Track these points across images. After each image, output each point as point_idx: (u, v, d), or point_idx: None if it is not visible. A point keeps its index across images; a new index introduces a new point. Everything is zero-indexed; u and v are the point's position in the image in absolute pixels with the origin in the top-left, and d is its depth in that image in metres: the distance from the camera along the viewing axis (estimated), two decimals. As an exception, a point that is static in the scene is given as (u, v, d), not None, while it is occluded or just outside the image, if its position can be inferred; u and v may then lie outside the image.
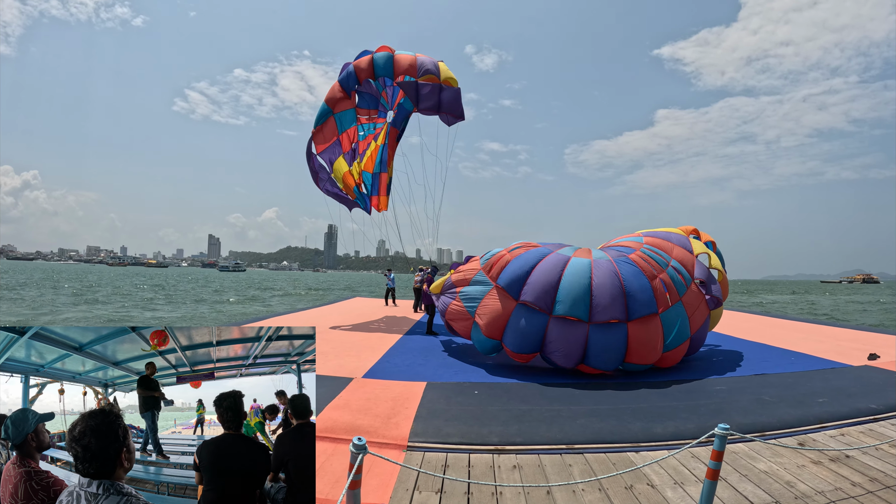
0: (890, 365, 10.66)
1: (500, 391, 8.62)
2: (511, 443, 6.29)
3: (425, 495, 5.01)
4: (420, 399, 7.90)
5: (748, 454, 6.15)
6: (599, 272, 9.95)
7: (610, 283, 9.76)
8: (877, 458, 6.05)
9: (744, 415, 7.34)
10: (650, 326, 9.78)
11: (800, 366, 11.02)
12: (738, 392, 8.60)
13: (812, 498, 5.05)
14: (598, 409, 7.60)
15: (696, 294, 10.59)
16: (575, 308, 9.67)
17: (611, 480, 5.37)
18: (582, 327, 9.68)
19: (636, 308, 9.70)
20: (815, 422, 7.23)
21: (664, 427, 6.81)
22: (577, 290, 9.73)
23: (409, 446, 6.20)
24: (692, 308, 10.41)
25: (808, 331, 17.26)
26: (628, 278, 9.91)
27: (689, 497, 5.03)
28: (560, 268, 10.16)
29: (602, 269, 10.01)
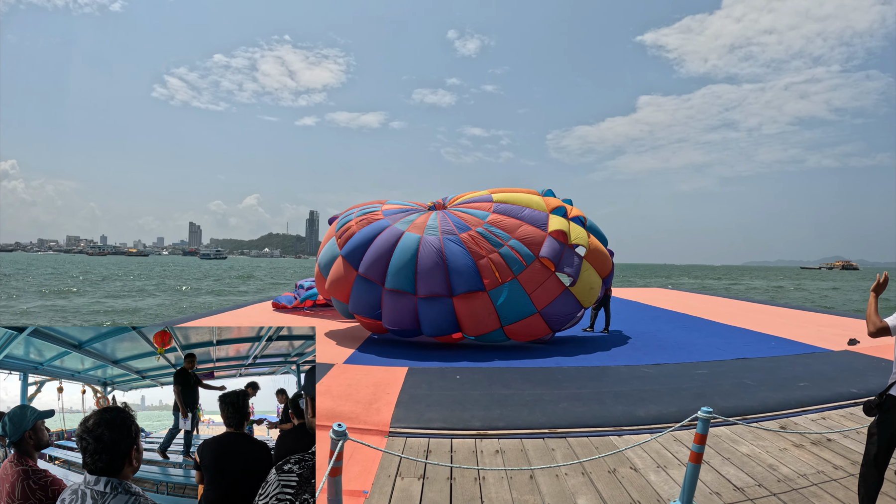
0: (870, 350, 10.75)
1: (482, 376, 8.57)
2: (493, 427, 6.25)
3: (407, 481, 4.95)
4: (402, 384, 7.83)
5: (731, 437, 6.16)
6: (425, 250, 10.75)
7: (432, 261, 10.61)
8: (858, 441, 6.07)
9: (726, 398, 7.35)
10: (476, 302, 10.59)
11: (781, 350, 11.12)
12: (720, 376, 8.63)
13: (794, 480, 5.05)
14: (581, 392, 7.57)
15: (538, 271, 10.90)
16: (402, 281, 10.64)
17: (594, 464, 5.35)
18: (410, 299, 10.67)
19: (459, 284, 10.53)
20: (796, 405, 7.27)
21: (647, 411, 6.80)
22: (403, 265, 10.66)
23: (390, 432, 6.14)
24: (533, 284, 10.80)
25: (788, 316, 17.44)
26: (452, 257, 10.67)
27: (672, 480, 5.01)
28: (392, 243, 11.01)
29: (428, 248, 10.80)
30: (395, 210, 12.62)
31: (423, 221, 11.71)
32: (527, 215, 11.75)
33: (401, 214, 12.27)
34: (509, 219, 11.59)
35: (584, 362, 9.87)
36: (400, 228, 11.41)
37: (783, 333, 13.39)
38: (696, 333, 13.61)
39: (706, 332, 13.93)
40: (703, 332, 13.76)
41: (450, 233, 11.21)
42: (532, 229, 11.34)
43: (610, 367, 9.44)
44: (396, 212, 12.46)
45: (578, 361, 9.97)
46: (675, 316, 17.59)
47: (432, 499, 4.63)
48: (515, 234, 11.20)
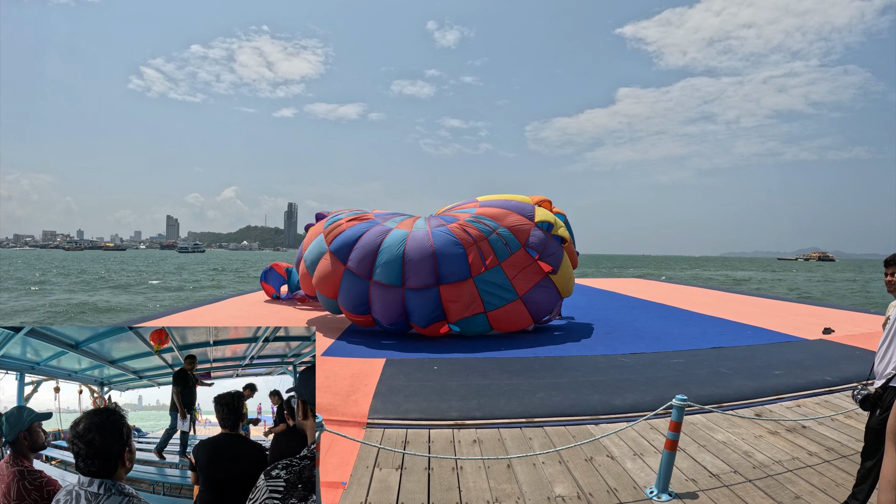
0: (844, 339, 10.92)
1: (460, 366, 8.55)
2: (471, 417, 6.23)
3: (386, 472, 4.92)
4: (379, 375, 7.79)
5: (706, 425, 6.20)
6: (413, 243, 10.98)
7: (420, 253, 10.81)
8: (832, 428, 6.16)
9: (702, 387, 7.40)
10: (462, 289, 10.88)
11: (756, 339, 11.23)
12: (696, 364, 8.69)
13: (770, 467, 5.09)
14: (558, 382, 7.59)
15: (522, 258, 11.24)
16: (389, 275, 10.82)
17: (571, 453, 5.35)
18: (397, 291, 10.88)
19: (447, 273, 10.79)
20: (771, 393, 7.35)
21: (623, 399, 6.82)
22: (391, 259, 10.85)
23: (368, 423, 6.10)
24: (515, 270, 11.14)
25: (764, 305, 17.66)
26: (441, 247, 10.90)
27: (648, 468, 5.03)
28: (380, 238, 11.24)
29: (416, 240, 11.05)
30: (385, 213, 12.98)
31: (412, 221, 12.19)
32: (514, 206, 12.09)
33: (391, 216, 12.66)
34: (497, 209, 11.95)
35: (562, 352, 9.90)
36: (388, 226, 11.77)
37: (759, 322, 13.56)
38: (672, 323, 13.73)
39: (682, 321, 14.06)
40: (679, 322, 13.89)
41: (439, 225, 11.57)
42: (520, 218, 11.67)
43: (587, 356, 9.47)
44: (387, 214, 12.82)
45: (556, 351, 9.99)
46: (651, 306, 17.73)
47: (410, 489, 4.61)
48: (504, 222, 11.53)
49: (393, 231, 11.41)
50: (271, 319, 13.47)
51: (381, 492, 4.54)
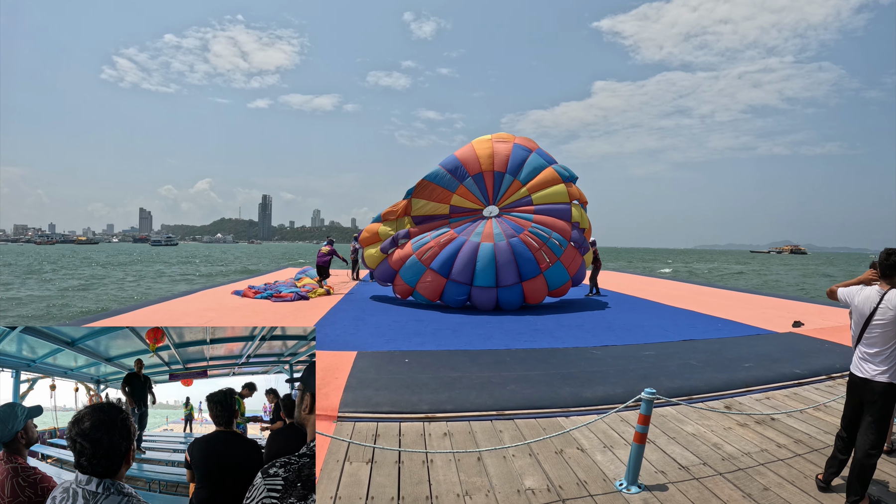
0: (813, 332, 11.05)
1: (431, 359, 8.49)
2: (441, 410, 6.19)
3: (356, 466, 4.86)
4: (350, 368, 7.67)
5: (676, 417, 6.22)
6: (500, 254, 14.19)
7: (507, 260, 14.18)
8: (801, 420, 6.22)
9: (672, 379, 7.43)
10: (537, 282, 14.61)
11: (726, 332, 11.34)
12: (667, 357, 8.73)
13: (739, 459, 5.12)
14: (529, 374, 7.56)
15: (570, 251, 14.83)
16: (487, 280, 14.24)
17: (541, 445, 5.33)
18: (493, 291, 14.46)
19: (527, 272, 14.38)
20: (741, 386, 7.40)
21: (593, 392, 6.82)
22: (487, 268, 14.16)
23: (339, 417, 6.03)
24: (568, 261, 14.79)
25: (734, 298, 17.86)
26: (519, 254, 14.24)
27: (618, 460, 5.03)
28: (474, 254, 14.28)
29: (502, 251, 14.23)
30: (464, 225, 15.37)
31: (490, 231, 14.84)
32: (558, 211, 15.02)
33: (468, 227, 15.22)
34: (548, 218, 14.91)
35: (533, 345, 9.90)
36: (475, 241, 14.56)
37: (729, 315, 13.71)
38: (643, 315, 13.84)
39: (654, 314, 14.19)
40: (650, 315, 14.01)
41: (511, 236, 14.52)
42: (564, 224, 14.86)
43: (558, 349, 9.46)
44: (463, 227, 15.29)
45: (527, 344, 9.99)
46: (623, 298, 17.86)
47: (381, 483, 4.55)
48: (555, 229, 14.72)
49: (481, 245, 14.35)
50: (245, 311, 13.31)
51: (352, 486, 4.48)
